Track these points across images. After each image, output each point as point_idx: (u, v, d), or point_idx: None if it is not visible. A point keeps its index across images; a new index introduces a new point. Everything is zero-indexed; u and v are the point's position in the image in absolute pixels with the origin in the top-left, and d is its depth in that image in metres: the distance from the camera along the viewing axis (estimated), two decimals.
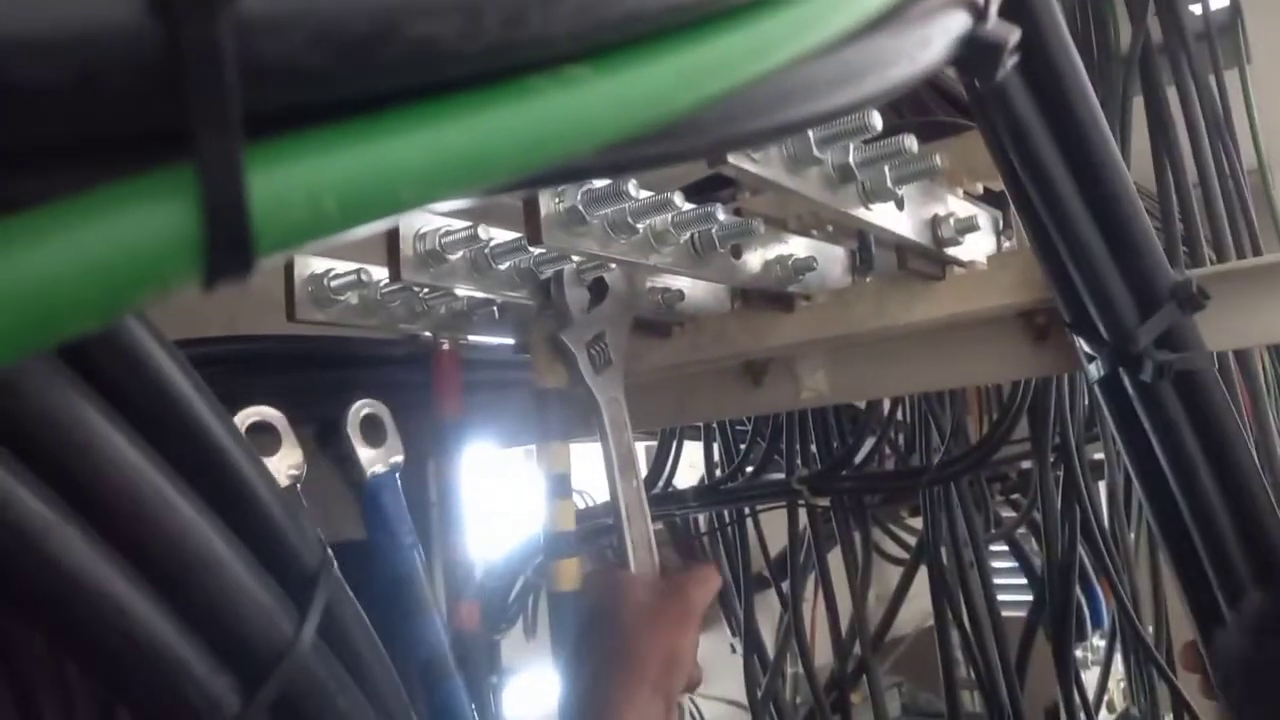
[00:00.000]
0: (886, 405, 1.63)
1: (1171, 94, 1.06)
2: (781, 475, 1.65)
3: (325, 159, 0.20)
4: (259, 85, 0.19)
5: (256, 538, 0.45)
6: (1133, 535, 1.58)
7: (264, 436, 0.64)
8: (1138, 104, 1.07)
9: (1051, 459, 1.38)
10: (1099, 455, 1.50)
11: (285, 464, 0.64)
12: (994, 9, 0.41)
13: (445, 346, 0.92)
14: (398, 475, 0.70)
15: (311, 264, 0.79)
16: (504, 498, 1.24)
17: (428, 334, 0.93)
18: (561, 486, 0.83)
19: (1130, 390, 0.72)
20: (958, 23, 0.39)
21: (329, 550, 0.50)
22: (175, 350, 0.41)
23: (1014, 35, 0.42)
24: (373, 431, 0.69)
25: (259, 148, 0.19)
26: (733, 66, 0.27)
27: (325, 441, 0.78)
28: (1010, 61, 0.43)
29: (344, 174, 0.21)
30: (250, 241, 0.19)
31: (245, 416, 0.63)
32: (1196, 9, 1.08)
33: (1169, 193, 1.01)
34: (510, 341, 0.95)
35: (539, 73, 0.23)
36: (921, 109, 1.02)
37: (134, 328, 0.39)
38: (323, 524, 0.51)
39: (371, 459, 0.68)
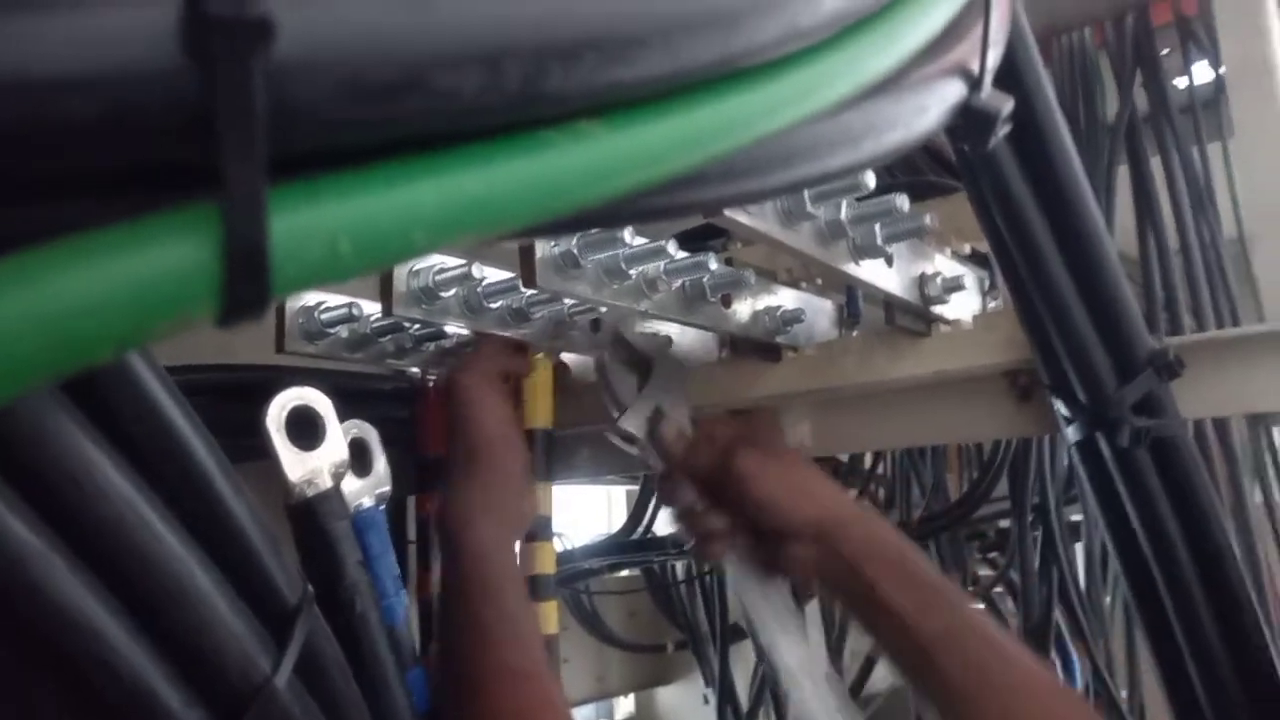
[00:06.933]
0: (869, 459, 1.63)
1: (1155, 165, 1.08)
2: None
3: (344, 202, 0.21)
4: (286, 128, 0.19)
5: (239, 571, 0.44)
6: (1108, 599, 1.58)
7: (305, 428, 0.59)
8: (1123, 173, 1.10)
9: (1030, 519, 1.38)
10: (1077, 517, 1.50)
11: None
12: (989, 79, 0.42)
13: (432, 383, 0.92)
14: (383, 510, 0.61)
15: (303, 297, 0.79)
16: None
17: (415, 370, 0.94)
18: (544, 529, 0.82)
19: (1107, 454, 0.73)
20: (954, 91, 0.40)
21: (309, 587, 0.49)
22: (167, 377, 0.41)
23: (1007, 105, 0.43)
24: (359, 458, 0.61)
25: (280, 189, 0.20)
26: (739, 127, 0.27)
27: None
28: (1002, 131, 0.44)
29: (361, 217, 0.21)
30: (268, 279, 0.20)
31: (286, 400, 0.57)
32: (1181, 83, 1.11)
33: (1151, 260, 1.03)
34: None
35: (553, 126, 0.24)
36: (913, 169, 1.04)
37: (129, 353, 0.39)
38: None
39: (358, 490, 0.60)
